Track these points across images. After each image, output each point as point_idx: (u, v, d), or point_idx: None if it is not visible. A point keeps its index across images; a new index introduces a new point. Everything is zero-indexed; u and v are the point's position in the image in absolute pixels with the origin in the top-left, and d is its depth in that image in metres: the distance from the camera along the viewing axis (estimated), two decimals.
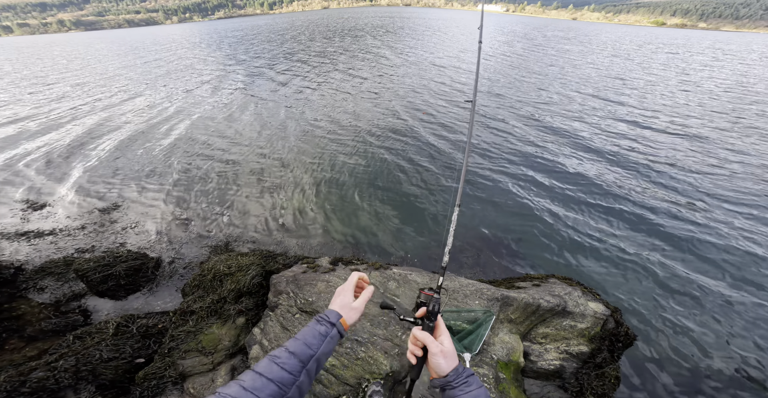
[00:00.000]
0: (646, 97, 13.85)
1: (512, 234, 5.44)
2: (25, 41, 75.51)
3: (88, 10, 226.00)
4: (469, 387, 0.85)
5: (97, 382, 2.76)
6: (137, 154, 8.50)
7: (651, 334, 3.74)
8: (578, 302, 3.10)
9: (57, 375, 2.65)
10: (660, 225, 5.64)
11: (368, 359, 2.73)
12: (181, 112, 11.89)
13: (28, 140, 9.64)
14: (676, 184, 6.94)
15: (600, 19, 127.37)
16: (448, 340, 0.93)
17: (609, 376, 2.63)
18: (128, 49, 33.98)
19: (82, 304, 4.21)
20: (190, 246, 5.31)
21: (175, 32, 66.65)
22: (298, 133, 9.60)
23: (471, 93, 13.50)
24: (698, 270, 4.77)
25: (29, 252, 5.11)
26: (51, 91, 15.80)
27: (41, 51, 36.59)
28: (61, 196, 6.63)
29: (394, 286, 3.54)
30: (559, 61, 21.87)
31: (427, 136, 9.18)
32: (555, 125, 10.14)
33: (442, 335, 0.94)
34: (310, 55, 23.25)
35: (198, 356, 3.13)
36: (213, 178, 7.24)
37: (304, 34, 37.81)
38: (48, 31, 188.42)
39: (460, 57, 21.93)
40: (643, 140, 9.14)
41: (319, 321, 0.96)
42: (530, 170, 7.42)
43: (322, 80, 16.05)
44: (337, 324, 0.97)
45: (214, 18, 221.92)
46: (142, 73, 20.11)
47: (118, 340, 3.23)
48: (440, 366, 0.88)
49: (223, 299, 3.92)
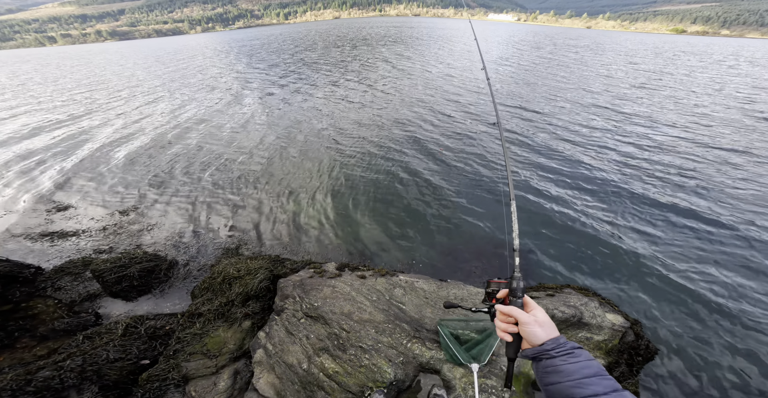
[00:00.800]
0: (673, 108, 13.45)
1: (528, 243, 5.28)
2: (67, 50, 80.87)
3: (123, 21, 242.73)
4: (576, 358, 0.77)
5: (101, 383, 2.78)
6: (157, 159, 8.81)
7: (674, 349, 3.49)
8: (595, 313, 2.94)
9: (62, 375, 2.68)
10: (690, 240, 5.35)
11: (372, 366, 2.65)
12: (197, 119, 12.32)
13: (60, 142, 10.17)
14: (707, 197, 6.60)
15: (615, 28, 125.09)
16: (542, 313, 0.88)
17: None
18: (159, 57, 35.80)
19: (96, 305, 4.31)
20: (202, 248, 5.40)
21: (198, 42, 69.98)
22: (310, 141, 9.76)
23: (481, 103, 13.45)
24: (732, 286, 4.47)
25: (51, 252, 5.31)
26: (87, 98, 16.71)
27: (82, 60, 38.85)
28: (84, 198, 6.91)
29: (401, 293, 3.47)
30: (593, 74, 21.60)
31: (437, 147, 9.15)
32: (576, 134, 9.94)
33: (534, 309, 0.90)
34: (324, 63, 23.85)
35: (202, 359, 3.13)
36: (228, 183, 7.40)
37: (317, 44, 38.88)
38: (87, 41, 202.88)
39: (467, 66, 22.01)
40: (683, 153, 8.78)
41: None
42: (551, 179, 7.25)
43: (333, 88, 16.38)
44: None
45: (234, 27, 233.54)
46: (167, 80, 21.07)
47: (125, 341, 3.27)
48: (536, 334, 0.83)
49: (231, 302, 3.93)
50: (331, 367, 2.68)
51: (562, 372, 0.76)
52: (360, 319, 3.10)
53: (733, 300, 4.20)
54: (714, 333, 3.76)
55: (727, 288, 4.40)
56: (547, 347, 0.81)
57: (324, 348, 2.83)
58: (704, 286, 4.42)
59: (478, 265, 4.83)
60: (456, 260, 4.97)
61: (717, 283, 4.48)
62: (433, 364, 2.66)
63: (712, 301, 4.18)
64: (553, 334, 0.83)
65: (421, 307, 3.28)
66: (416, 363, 2.69)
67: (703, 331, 3.76)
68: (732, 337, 3.71)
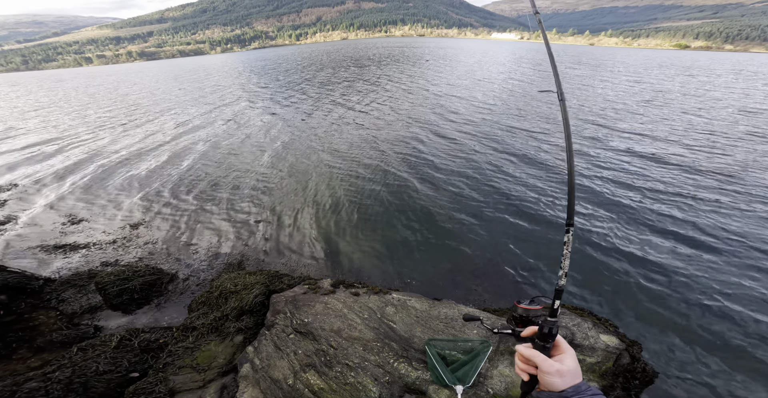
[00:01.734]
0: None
1: (525, 261, 5.21)
2: (103, 70, 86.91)
3: (151, 43, 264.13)
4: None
5: (87, 395, 2.79)
6: (168, 174, 9.20)
7: (675, 374, 3.30)
8: (588, 334, 2.86)
9: (48, 387, 2.72)
10: (701, 264, 5.19)
11: (357, 385, 2.61)
12: (207, 137, 12.92)
13: (77, 157, 10.76)
14: (725, 217, 6.46)
15: (618, 44, 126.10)
16: (571, 360, 0.81)
17: None
18: (181, 75, 38.21)
19: (95, 317, 4.39)
20: (204, 263, 5.51)
21: (218, 62, 74.47)
22: (315, 160, 10.08)
23: (478, 121, 13.72)
24: (743, 309, 4.27)
25: (61, 264, 5.50)
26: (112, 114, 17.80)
27: (121, 77, 41.74)
28: (96, 212, 7.22)
29: (392, 312, 3.45)
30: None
31: (437, 163, 9.32)
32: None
33: (563, 353, 0.82)
34: (333, 82, 24.98)
35: (191, 373, 3.13)
36: (233, 199, 7.64)
37: (329, 66, 40.88)
38: (119, 61, 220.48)
39: (465, 85, 22.70)
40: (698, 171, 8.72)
41: None
42: (554, 192, 7.24)
43: (340, 106, 17.04)
44: None
45: (250, 48, 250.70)
46: (188, 99, 22.33)
47: (117, 353, 3.31)
48: (554, 385, 0.77)
49: (226, 316, 3.96)
50: (317, 384, 2.65)
51: None
52: (349, 336, 3.08)
53: (738, 328, 4.00)
54: (719, 360, 3.56)
55: (736, 315, 4.20)
56: (567, 394, 0.76)
57: (311, 364, 2.81)
58: (713, 311, 4.23)
59: (479, 283, 4.77)
60: (457, 277, 4.92)
61: (725, 309, 4.28)
62: (418, 385, 2.60)
63: (717, 327, 3.99)
64: (575, 381, 0.78)
65: (411, 326, 3.25)
66: (402, 383, 2.64)
67: (707, 357, 3.57)
68: (734, 365, 3.51)
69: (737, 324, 4.08)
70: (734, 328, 4.02)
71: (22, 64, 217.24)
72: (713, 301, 4.42)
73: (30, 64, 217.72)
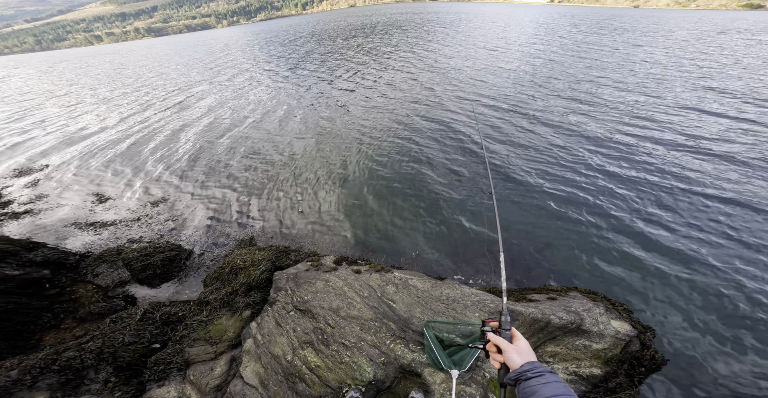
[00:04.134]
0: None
1: (539, 241, 4.92)
2: (114, 47, 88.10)
3: (156, 18, 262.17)
4: (545, 378, 0.90)
5: (116, 364, 3.08)
6: (183, 151, 9.39)
7: (686, 362, 3.09)
8: (598, 320, 2.66)
9: (83, 356, 3.01)
10: (719, 242, 4.65)
11: (352, 364, 2.66)
12: (222, 115, 12.85)
13: (106, 138, 11.23)
14: (742, 192, 5.66)
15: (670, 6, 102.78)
16: (523, 343, 1.05)
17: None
18: (197, 49, 37.77)
19: (126, 290, 4.77)
20: (218, 239, 5.72)
21: (225, 35, 72.42)
22: (330, 136, 9.79)
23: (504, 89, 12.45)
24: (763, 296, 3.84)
25: (93, 240, 5.94)
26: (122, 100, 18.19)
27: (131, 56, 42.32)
28: (121, 190, 7.60)
29: (393, 291, 3.40)
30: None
31: (451, 143, 8.73)
32: (605, 126, 8.94)
33: (518, 339, 1.06)
34: (344, 54, 23.55)
35: (204, 345, 3.35)
36: (246, 176, 7.71)
37: (339, 34, 38.33)
38: (128, 38, 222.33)
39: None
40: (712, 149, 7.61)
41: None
42: (569, 170, 6.64)
43: (344, 79, 16.15)
44: None
45: (256, 20, 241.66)
46: (202, 78, 22.16)
47: (141, 326, 3.59)
48: (513, 360, 0.98)
49: (236, 292, 4.14)
50: (314, 361, 2.73)
51: (536, 392, 0.88)
52: (347, 315, 3.10)
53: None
54: (738, 351, 3.27)
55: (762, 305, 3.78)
56: (523, 369, 0.94)
57: (308, 341, 2.88)
58: (736, 299, 3.83)
59: (486, 262, 4.61)
60: (465, 255, 4.78)
61: (752, 298, 3.86)
62: (414, 367, 2.60)
63: (739, 316, 3.62)
64: (530, 359, 0.98)
65: (411, 306, 3.20)
66: (397, 365, 2.65)
67: (725, 346, 3.28)
68: (755, 356, 3.21)
69: None
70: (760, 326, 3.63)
71: (36, 45, 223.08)
72: (746, 292, 3.99)
73: (43, 44, 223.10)
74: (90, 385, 2.97)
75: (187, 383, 2.93)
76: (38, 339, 4.06)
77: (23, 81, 31.66)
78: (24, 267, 4.88)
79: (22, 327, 4.10)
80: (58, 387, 2.92)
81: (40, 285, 4.69)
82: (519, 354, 0.99)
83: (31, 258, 4.97)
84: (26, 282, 4.65)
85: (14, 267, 4.76)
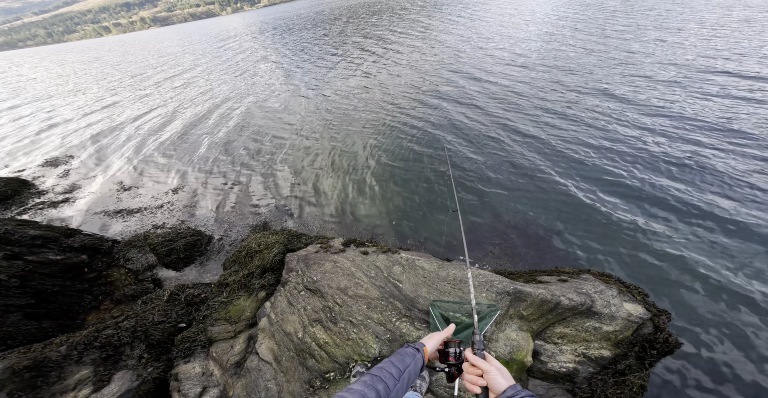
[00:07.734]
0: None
1: (553, 222, 4.73)
2: (124, 38, 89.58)
3: (161, 7, 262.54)
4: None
5: (148, 342, 3.36)
6: (201, 140, 9.63)
7: (703, 346, 2.93)
8: (610, 302, 2.57)
9: (120, 334, 3.30)
10: (745, 223, 4.24)
11: (359, 341, 2.75)
12: (236, 99, 12.92)
13: (127, 128, 11.69)
14: None
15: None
16: (497, 363, 1.02)
17: (631, 384, 2.18)
18: (204, 38, 37.75)
19: (154, 274, 5.11)
20: (235, 224, 5.94)
21: (228, 23, 71.20)
22: (345, 122, 9.65)
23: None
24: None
25: (122, 227, 6.34)
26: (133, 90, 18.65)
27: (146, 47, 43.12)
28: (143, 179, 7.98)
29: (399, 271, 3.43)
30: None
31: (465, 121, 8.33)
32: (623, 94, 8.17)
33: (491, 360, 1.04)
34: (351, 39, 22.60)
35: (225, 324, 3.57)
36: (263, 162, 7.85)
37: (344, 17, 36.65)
38: (135, 28, 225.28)
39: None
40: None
41: (408, 346, 1.17)
42: (582, 144, 6.21)
43: (359, 62, 15.59)
44: (421, 350, 1.16)
45: (260, 6, 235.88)
46: (210, 67, 22.22)
47: (167, 306, 3.86)
48: (499, 384, 0.94)
49: (252, 274, 4.33)
50: (322, 338, 2.85)
51: None
52: (355, 294, 3.17)
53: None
54: (755, 336, 3.06)
55: None
56: (508, 393, 0.90)
57: (318, 319, 3.00)
58: (756, 285, 3.54)
59: (496, 244, 4.51)
60: (475, 238, 4.70)
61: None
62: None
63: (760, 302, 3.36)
64: (512, 382, 0.96)
65: (417, 286, 3.22)
66: (402, 342, 2.71)
67: (743, 335, 3.07)
68: None
69: None
70: None
71: (48, 37, 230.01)
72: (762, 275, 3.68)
73: (54, 36, 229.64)
74: (127, 361, 3.27)
75: (210, 359, 3.16)
76: (83, 319, 4.50)
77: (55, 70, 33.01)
78: (65, 252, 5.32)
79: (68, 308, 4.55)
80: (101, 362, 3.24)
81: (80, 269, 5.11)
82: (503, 375, 0.96)
83: (69, 243, 5.39)
84: (68, 267, 5.08)
85: (56, 253, 5.20)
